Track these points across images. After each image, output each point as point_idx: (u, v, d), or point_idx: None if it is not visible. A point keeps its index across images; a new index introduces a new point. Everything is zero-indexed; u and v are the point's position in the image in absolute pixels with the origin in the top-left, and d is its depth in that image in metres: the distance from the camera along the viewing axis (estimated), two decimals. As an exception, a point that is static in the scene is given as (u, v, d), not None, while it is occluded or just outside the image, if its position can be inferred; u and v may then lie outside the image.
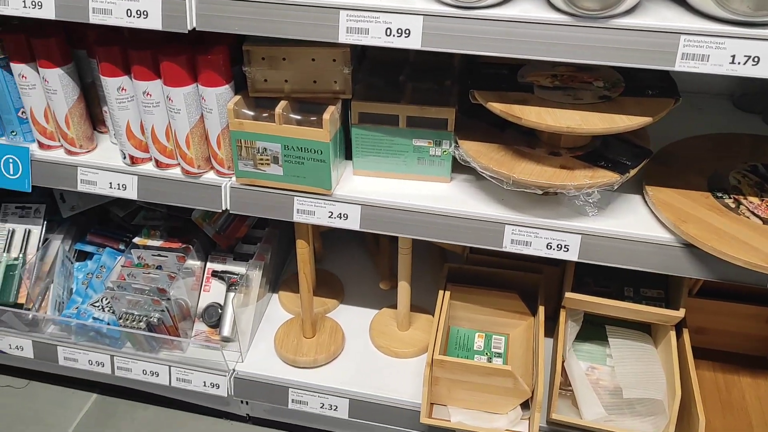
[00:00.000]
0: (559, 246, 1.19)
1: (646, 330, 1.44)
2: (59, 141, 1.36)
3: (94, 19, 1.10)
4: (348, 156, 1.32)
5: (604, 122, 1.09)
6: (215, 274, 1.61)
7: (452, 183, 1.29)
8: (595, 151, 1.20)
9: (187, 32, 1.08)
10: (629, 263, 1.18)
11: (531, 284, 1.51)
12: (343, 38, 1.04)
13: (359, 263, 1.80)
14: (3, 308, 1.55)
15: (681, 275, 1.17)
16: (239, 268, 1.60)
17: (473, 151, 1.20)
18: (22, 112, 1.36)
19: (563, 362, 1.36)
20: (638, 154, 1.19)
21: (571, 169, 1.16)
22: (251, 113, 1.22)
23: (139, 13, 1.08)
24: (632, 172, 1.15)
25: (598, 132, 1.09)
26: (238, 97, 1.21)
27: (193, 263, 1.59)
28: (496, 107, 1.13)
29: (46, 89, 1.29)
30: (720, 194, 1.20)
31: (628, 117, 1.10)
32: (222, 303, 1.57)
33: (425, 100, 1.23)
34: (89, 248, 1.66)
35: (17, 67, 1.28)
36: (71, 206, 1.66)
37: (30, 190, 1.37)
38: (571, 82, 1.19)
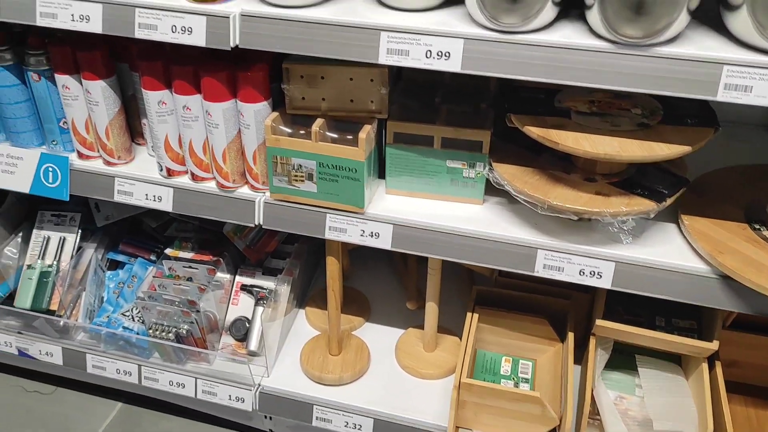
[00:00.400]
0: (593, 273, 1.18)
1: (676, 361, 1.41)
2: (98, 151, 1.38)
3: (140, 34, 1.12)
4: (381, 175, 1.32)
5: (642, 150, 1.08)
6: (244, 287, 1.62)
7: (485, 205, 1.29)
8: (630, 179, 1.19)
9: (230, 49, 1.09)
10: (663, 293, 1.16)
11: (560, 310, 1.49)
12: (383, 59, 1.05)
13: (386, 282, 1.80)
14: (35, 314, 1.58)
15: (716, 307, 1.15)
16: (268, 283, 1.61)
17: (508, 174, 1.20)
18: (64, 123, 1.38)
19: (592, 390, 1.34)
20: (675, 182, 1.17)
21: (607, 195, 1.15)
22: (288, 130, 1.24)
23: (183, 29, 1.10)
24: (669, 200, 1.14)
25: (637, 160, 1.09)
26: (275, 114, 1.23)
27: (223, 276, 1.60)
28: (533, 131, 1.13)
29: (88, 101, 1.32)
30: (757, 226, 1.19)
31: (667, 145, 1.09)
32: (250, 317, 1.58)
33: (460, 122, 1.23)
34: (121, 258, 1.68)
35: (61, 79, 1.31)
36: (106, 216, 1.69)
37: (68, 199, 1.40)
38: (609, 109, 1.19)
